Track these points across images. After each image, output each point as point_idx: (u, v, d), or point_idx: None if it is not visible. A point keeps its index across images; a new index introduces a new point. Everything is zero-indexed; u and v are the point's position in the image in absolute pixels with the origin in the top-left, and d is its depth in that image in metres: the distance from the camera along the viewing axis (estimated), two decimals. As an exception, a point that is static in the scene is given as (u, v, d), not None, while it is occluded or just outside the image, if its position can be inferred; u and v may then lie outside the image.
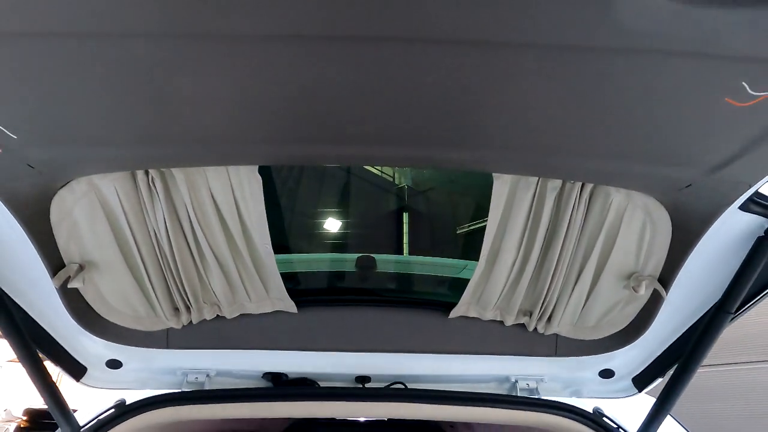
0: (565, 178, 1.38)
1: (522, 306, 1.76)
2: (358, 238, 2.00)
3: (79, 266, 1.52)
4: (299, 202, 1.91)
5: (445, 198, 2.03)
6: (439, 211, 2.05)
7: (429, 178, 1.98)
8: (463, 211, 1.97)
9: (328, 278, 2.00)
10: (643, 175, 1.28)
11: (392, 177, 2.00)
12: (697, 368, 1.67)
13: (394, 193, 2.03)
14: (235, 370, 1.96)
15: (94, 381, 1.87)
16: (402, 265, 2.01)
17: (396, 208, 2.02)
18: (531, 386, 1.98)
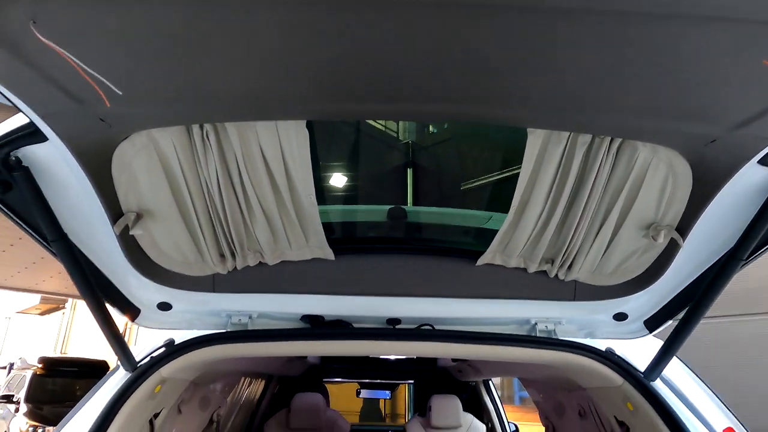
0: (597, 134, 1.46)
1: (545, 254, 1.88)
2: (390, 191, 2.10)
3: (137, 215, 1.63)
4: (337, 157, 2.00)
5: (475, 152, 2.11)
6: (468, 164, 2.14)
7: (459, 135, 2.05)
8: (491, 165, 2.06)
9: (363, 228, 2.12)
10: (672, 130, 1.36)
11: (423, 133, 2.08)
12: (705, 312, 1.81)
13: (426, 149, 2.12)
14: (275, 313, 2.11)
15: (146, 321, 2.01)
16: (431, 215, 2.12)
17: (428, 163, 2.11)
18: (549, 328, 2.13)
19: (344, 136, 1.98)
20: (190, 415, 3.06)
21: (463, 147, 2.10)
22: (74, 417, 1.88)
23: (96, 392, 1.96)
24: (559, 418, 3.44)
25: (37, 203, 1.47)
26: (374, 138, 2.06)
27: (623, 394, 2.02)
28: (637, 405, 1.97)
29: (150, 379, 1.92)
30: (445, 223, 2.12)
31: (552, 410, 3.51)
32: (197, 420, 3.21)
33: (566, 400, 3.26)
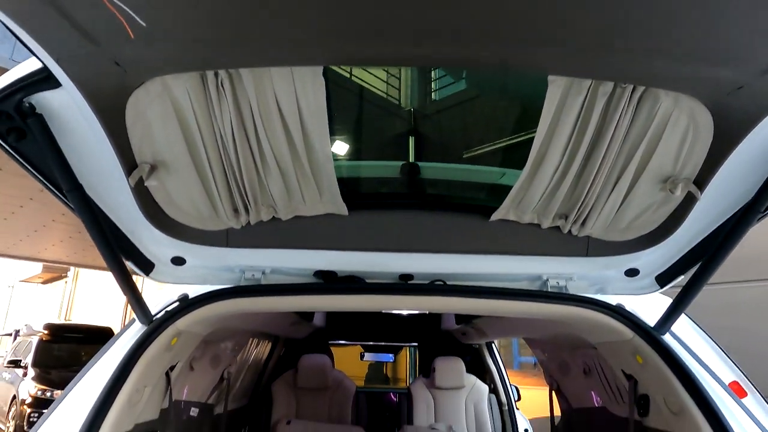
0: (620, 80, 1.44)
1: (559, 210, 1.87)
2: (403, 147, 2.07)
3: (151, 167, 1.62)
4: (350, 113, 1.97)
5: (491, 108, 2.08)
6: (483, 121, 2.11)
7: (473, 87, 2.02)
8: (507, 120, 2.03)
9: (376, 184, 2.11)
10: (698, 76, 1.34)
11: (438, 86, 2.04)
12: (719, 266, 1.82)
13: (441, 103, 2.08)
14: (288, 268, 2.12)
15: (160, 276, 2.02)
16: (444, 171, 2.11)
17: (442, 119, 2.09)
18: (560, 284, 2.15)
19: (358, 90, 1.94)
20: (202, 371, 3.12)
21: (479, 103, 2.07)
22: (92, 368, 1.91)
23: (112, 345, 1.99)
24: (564, 377, 3.51)
25: (51, 152, 1.46)
26: (387, 94, 2.03)
27: (633, 348, 2.05)
28: (646, 358, 2.01)
29: (167, 332, 1.95)
30: (459, 179, 2.11)
31: (557, 369, 3.57)
32: (209, 377, 3.28)
33: (571, 358, 3.31)
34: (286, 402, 4.61)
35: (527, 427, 4.80)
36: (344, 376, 4.95)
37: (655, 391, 2.05)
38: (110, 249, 1.71)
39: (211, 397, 3.45)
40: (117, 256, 1.77)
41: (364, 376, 7.98)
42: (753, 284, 6.00)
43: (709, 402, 1.78)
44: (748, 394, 2.16)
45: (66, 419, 1.74)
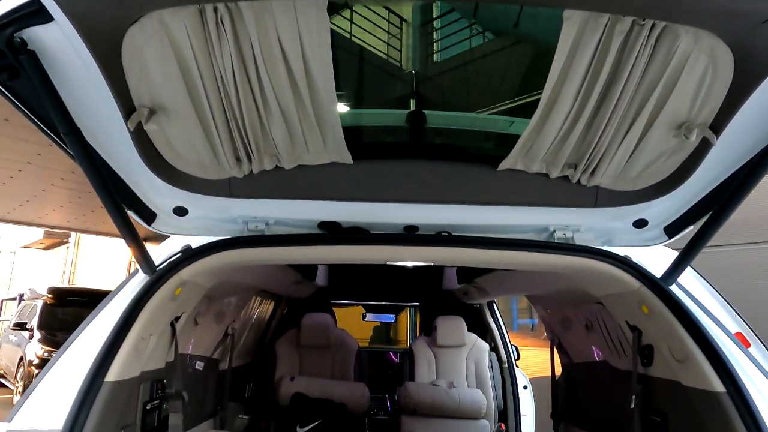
0: (639, 15, 1.37)
1: (569, 159, 1.83)
2: (409, 94, 2.01)
3: (150, 110, 1.57)
4: (355, 57, 1.90)
5: (500, 53, 2.01)
6: (490, 65, 2.04)
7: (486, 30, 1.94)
8: (516, 65, 1.96)
9: (381, 132, 2.06)
10: (720, 9, 1.27)
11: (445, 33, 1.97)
12: (728, 217, 1.79)
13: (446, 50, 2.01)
14: (291, 219, 2.09)
15: (163, 226, 2.00)
16: (451, 120, 2.05)
17: (449, 66, 2.02)
18: (567, 235, 2.12)
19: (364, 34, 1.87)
20: (207, 326, 3.14)
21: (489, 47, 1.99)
22: (97, 317, 1.91)
23: (115, 295, 1.98)
24: (566, 332, 3.54)
25: (46, 92, 1.41)
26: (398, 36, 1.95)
27: (639, 298, 2.05)
28: (652, 308, 2.00)
29: (170, 281, 1.93)
30: (466, 127, 2.06)
31: (558, 324, 3.60)
32: (213, 332, 3.30)
33: (573, 314, 3.33)
34: (290, 359, 4.68)
35: (526, 383, 4.88)
36: (347, 334, 5.01)
37: (660, 341, 2.06)
38: (111, 197, 1.68)
39: (216, 353, 3.49)
40: (118, 205, 1.74)
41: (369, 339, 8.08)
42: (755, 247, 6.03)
43: (714, 348, 1.78)
44: (752, 344, 2.18)
45: (75, 362, 1.75)
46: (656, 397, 2.16)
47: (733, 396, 1.70)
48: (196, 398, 3.15)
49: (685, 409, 1.93)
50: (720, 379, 1.74)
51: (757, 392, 1.79)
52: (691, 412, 1.89)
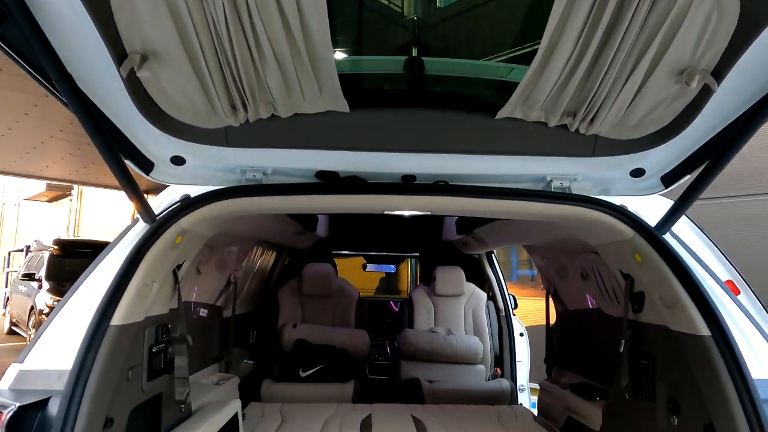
0: None
1: (568, 106, 1.80)
2: (407, 41, 1.96)
3: (142, 56, 1.54)
4: (354, 1, 1.84)
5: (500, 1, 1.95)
6: (490, 12, 1.98)
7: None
8: (516, 10, 1.91)
9: (378, 80, 2.02)
10: None
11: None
12: (725, 166, 1.79)
13: None
14: (289, 169, 2.09)
15: (161, 176, 2.00)
16: (450, 67, 2.01)
17: (449, 12, 1.96)
18: (564, 185, 2.13)
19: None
20: (209, 275, 3.21)
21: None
22: (100, 264, 1.95)
23: (117, 243, 2.02)
24: (562, 281, 3.61)
25: (34, 36, 1.38)
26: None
27: (632, 247, 2.08)
28: (645, 256, 2.03)
29: (171, 230, 1.96)
30: (465, 74, 2.02)
31: (555, 274, 3.67)
32: (216, 280, 3.38)
33: (570, 263, 3.39)
34: (292, 308, 4.80)
35: (522, 331, 5.02)
36: (347, 283, 5.11)
37: (651, 288, 2.10)
38: (108, 146, 1.68)
39: (219, 300, 3.58)
40: (115, 154, 1.74)
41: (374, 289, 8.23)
42: (753, 198, 6.04)
43: (702, 294, 1.82)
44: (742, 291, 2.22)
45: (81, 307, 1.81)
46: (645, 341, 2.23)
47: (717, 340, 1.75)
48: (202, 343, 3.27)
49: (672, 353, 2.00)
50: (706, 324, 1.79)
51: (741, 337, 1.85)
52: (677, 355, 1.95)
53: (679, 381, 1.99)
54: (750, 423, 1.63)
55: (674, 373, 2.02)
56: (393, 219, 5.11)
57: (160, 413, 2.13)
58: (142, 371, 1.99)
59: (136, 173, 1.91)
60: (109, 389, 1.71)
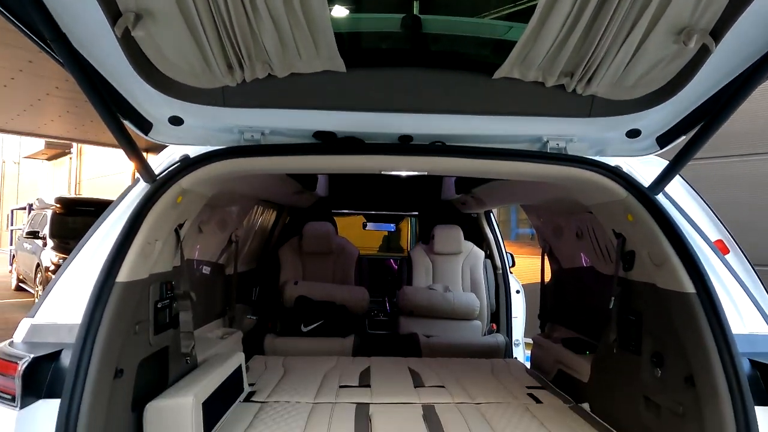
0: None
1: (565, 66, 1.80)
2: None
3: (136, 15, 1.53)
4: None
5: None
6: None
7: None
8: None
9: (375, 39, 2.00)
10: None
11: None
12: (719, 127, 1.80)
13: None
14: (287, 129, 2.10)
15: (159, 136, 2.02)
16: (447, 25, 1.99)
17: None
18: (560, 145, 2.14)
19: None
20: (211, 233, 3.27)
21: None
22: (103, 223, 1.99)
23: (119, 203, 2.05)
24: (557, 240, 3.67)
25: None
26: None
27: (625, 207, 2.11)
28: (637, 215, 2.07)
29: (171, 189, 2.00)
30: (462, 33, 2.00)
31: (551, 233, 3.72)
32: (217, 239, 3.44)
33: (565, 223, 3.43)
34: (293, 265, 4.90)
35: (519, 288, 5.13)
36: (347, 241, 5.18)
37: (641, 246, 2.15)
38: (106, 107, 1.69)
39: (222, 258, 3.66)
40: (114, 115, 1.75)
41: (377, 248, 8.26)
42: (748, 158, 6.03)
43: (690, 253, 1.87)
44: (731, 251, 2.28)
45: (86, 264, 1.87)
46: (633, 298, 2.30)
47: (701, 297, 1.81)
48: (205, 299, 3.36)
49: (658, 309, 2.07)
50: (691, 282, 1.85)
51: (726, 294, 1.91)
52: (663, 311, 2.03)
53: (664, 336, 2.07)
54: (727, 374, 1.71)
55: (659, 328, 2.10)
56: (392, 178, 5.13)
57: (167, 365, 2.23)
58: (149, 326, 2.07)
59: (135, 133, 1.92)
60: (117, 342, 1.79)
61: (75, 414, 1.60)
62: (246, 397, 2.72)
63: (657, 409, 2.12)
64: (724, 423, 1.68)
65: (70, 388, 1.62)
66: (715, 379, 1.73)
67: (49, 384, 1.66)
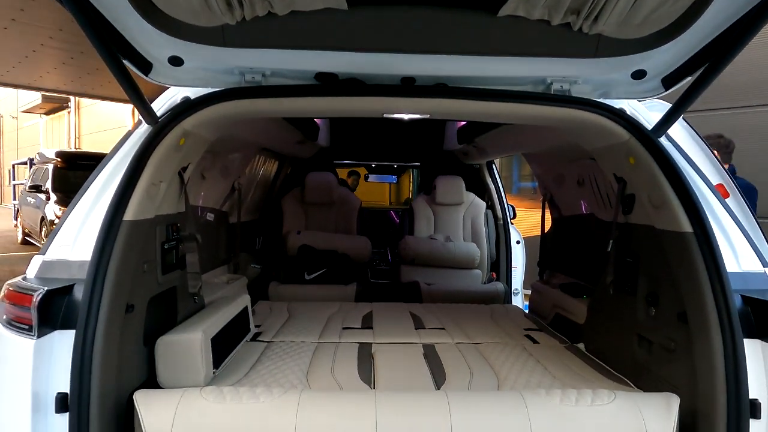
0: None
1: (571, 4, 1.75)
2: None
3: None
4: None
5: None
6: None
7: None
8: None
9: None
10: None
11: None
12: (725, 68, 1.77)
13: None
14: (288, 70, 2.08)
15: (159, 77, 1.99)
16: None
17: None
18: (564, 87, 2.12)
19: None
20: (214, 181, 3.29)
21: None
22: (106, 166, 2.01)
23: (121, 146, 2.06)
24: (558, 187, 3.68)
25: None
26: None
27: (627, 150, 2.11)
28: (638, 158, 2.08)
29: (174, 131, 2.00)
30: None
31: (552, 181, 3.74)
32: (220, 186, 3.46)
33: (567, 170, 3.44)
34: (295, 215, 4.94)
35: (519, 239, 5.19)
36: (349, 192, 5.21)
37: (641, 189, 2.17)
38: (106, 46, 1.67)
39: (225, 206, 3.70)
40: (114, 55, 1.73)
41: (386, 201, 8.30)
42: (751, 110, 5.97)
43: (690, 195, 1.89)
44: (731, 195, 2.30)
45: (93, 204, 1.90)
46: (631, 241, 2.34)
47: (698, 236, 1.84)
48: (210, 246, 3.42)
49: (655, 250, 2.11)
50: (689, 221, 1.87)
51: (723, 235, 1.94)
52: (660, 252, 2.06)
53: (660, 276, 2.11)
54: (719, 310, 1.76)
55: (656, 268, 2.15)
56: (394, 128, 5.09)
57: (176, 304, 2.30)
58: (157, 265, 2.12)
59: (136, 77, 1.91)
60: (127, 278, 1.84)
61: (90, 344, 1.67)
62: (252, 337, 2.82)
63: (649, 345, 2.20)
64: (713, 355, 1.75)
65: (84, 319, 1.68)
66: (707, 314, 1.79)
67: (63, 316, 1.72)
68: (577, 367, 2.44)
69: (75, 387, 1.66)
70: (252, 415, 1.73)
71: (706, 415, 1.77)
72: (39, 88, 15.74)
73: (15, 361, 1.70)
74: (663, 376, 2.06)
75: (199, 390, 1.82)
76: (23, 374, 1.67)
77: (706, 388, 1.77)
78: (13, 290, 1.74)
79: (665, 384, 2.02)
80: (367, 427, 1.71)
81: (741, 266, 1.91)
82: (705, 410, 1.77)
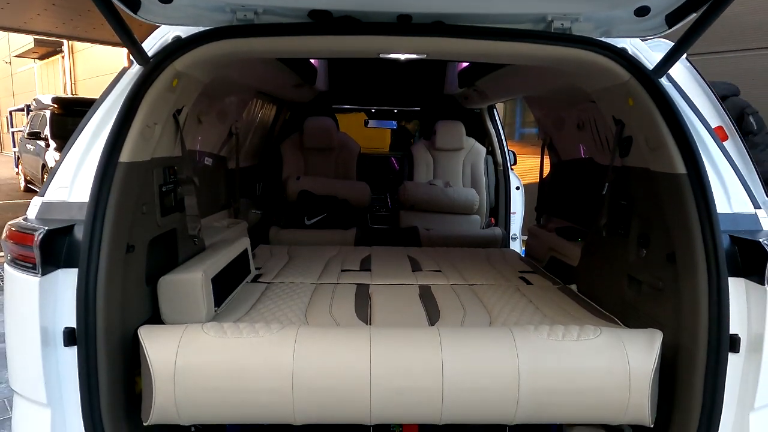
0: None
1: None
2: None
3: None
4: None
5: None
6: None
7: None
8: None
9: None
10: None
11: None
12: (728, 5, 1.71)
13: None
14: (280, 8, 2.01)
15: (149, 14, 1.93)
16: None
17: None
18: (565, 25, 2.05)
19: None
20: (210, 124, 3.27)
21: None
22: (99, 108, 1.99)
23: (113, 88, 2.03)
24: (558, 131, 3.65)
25: None
26: None
27: (627, 90, 2.08)
28: (637, 99, 2.05)
29: (166, 72, 1.97)
30: None
31: (552, 125, 3.70)
32: (218, 130, 3.44)
33: (567, 114, 3.40)
34: (295, 161, 4.93)
35: (519, 185, 5.19)
36: (348, 137, 5.17)
37: (639, 131, 2.15)
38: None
39: (223, 151, 3.69)
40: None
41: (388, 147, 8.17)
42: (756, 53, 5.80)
43: (686, 137, 1.88)
44: (729, 138, 2.28)
45: (88, 146, 1.90)
46: (627, 183, 2.34)
47: (692, 177, 1.85)
48: (210, 190, 3.45)
49: (650, 192, 2.12)
50: (683, 163, 1.87)
51: (716, 177, 1.94)
52: (654, 194, 2.08)
53: (652, 217, 2.14)
54: (707, 249, 1.79)
55: (649, 210, 2.17)
56: (394, 71, 4.98)
57: (176, 245, 2.35)
58: (155, 208, 2.15)
59: (126, 16, 1.85)
60: (126, 219, 1.87)
61: (93, 282, 1.72)
62: (253, 278, 2.89)
63: (639, 285, 2.25)
64: (698, 293, 1.80)
65: (86, 258, 1.73)
66: (695, 254, 1.82)
67: (66, 255, 1.77)
68: (568, 307, 2.51)
69: (81, 322, 1.73)
70: (251, 348, 1.81)
71: (688, 349, 1.84)
72: (30, 30, 15.26)
73: (22, 298, 1.76)
74: (650, 314, 2.13)
75: (201, 325, 1.90)
76: (31, 310, 1.74)
77: (689, 323, 1.83)
78: (15, 230, 1.78)
79: (652, 321, 2.08)
80: (362, 359, 1.79)
81: (732, 207, 1.93)
82: (687, 345, 1.84)
